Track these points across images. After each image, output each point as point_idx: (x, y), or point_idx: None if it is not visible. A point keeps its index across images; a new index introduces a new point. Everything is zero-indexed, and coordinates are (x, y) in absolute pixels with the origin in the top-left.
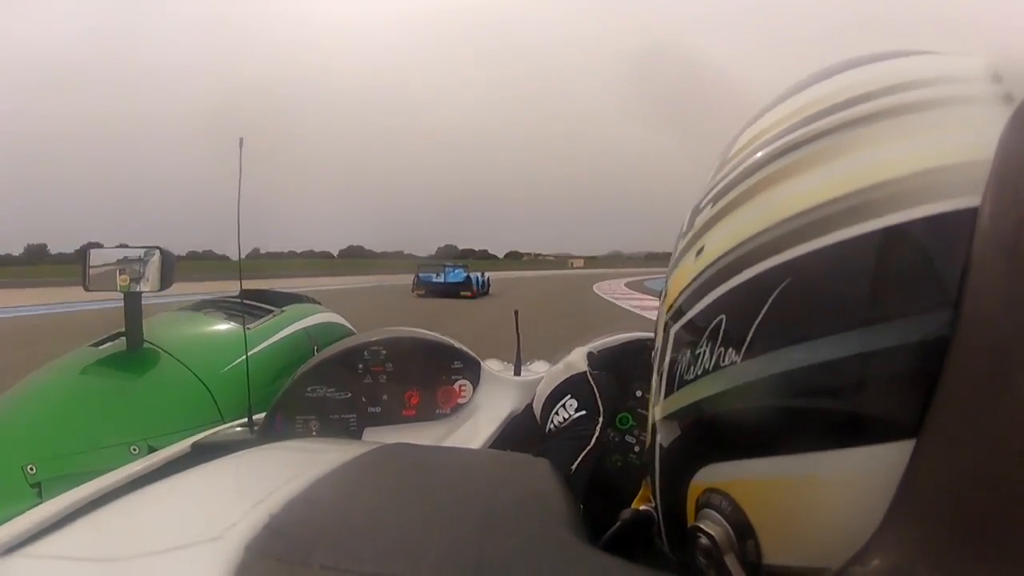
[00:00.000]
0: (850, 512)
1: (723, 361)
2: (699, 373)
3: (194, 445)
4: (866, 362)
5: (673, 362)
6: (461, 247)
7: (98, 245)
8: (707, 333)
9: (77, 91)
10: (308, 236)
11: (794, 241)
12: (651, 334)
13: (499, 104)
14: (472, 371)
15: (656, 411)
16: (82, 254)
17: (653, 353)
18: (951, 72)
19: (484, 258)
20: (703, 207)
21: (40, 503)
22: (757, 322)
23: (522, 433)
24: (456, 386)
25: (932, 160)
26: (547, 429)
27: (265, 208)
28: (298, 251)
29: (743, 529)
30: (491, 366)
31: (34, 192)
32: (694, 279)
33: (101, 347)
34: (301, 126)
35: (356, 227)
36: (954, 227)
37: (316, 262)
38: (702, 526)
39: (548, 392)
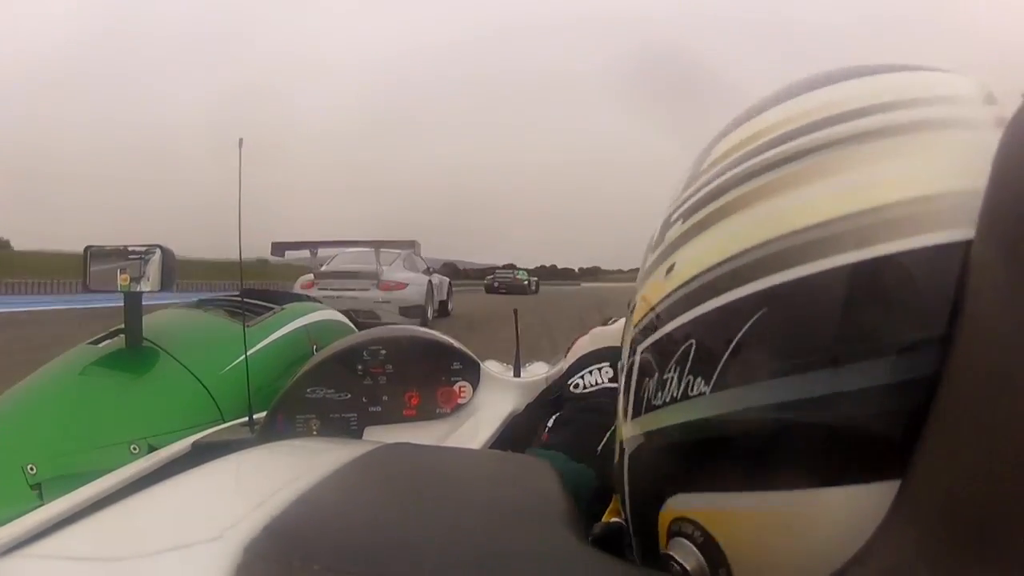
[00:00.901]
0: (824, 547)
1: (691, 391)
2: (667, 400)
3: (194, 444)
4: (844, 401)
5: (640, 383)
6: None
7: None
8: (675, 358)
9: (75, 88)
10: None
11: (772, 268)
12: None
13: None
14: (472, 372)
15: (624, 430)
16: (83, 253)
17: (619, 366)
18: (944, 92)
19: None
20: (673, 221)
21: (40, 504)
22: (727, 353)
23: (523, 434)
24: (456, 387)
25: (924, 187)
26: (570, 385)
27: (270, 212)
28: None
29: (715, 560)
30: (490, 367)
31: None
32: (663, 299)
33: (100, 345)
34: (300, 127)
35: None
36: (946, 260)
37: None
38: (674, 555)
39: (589, 350)
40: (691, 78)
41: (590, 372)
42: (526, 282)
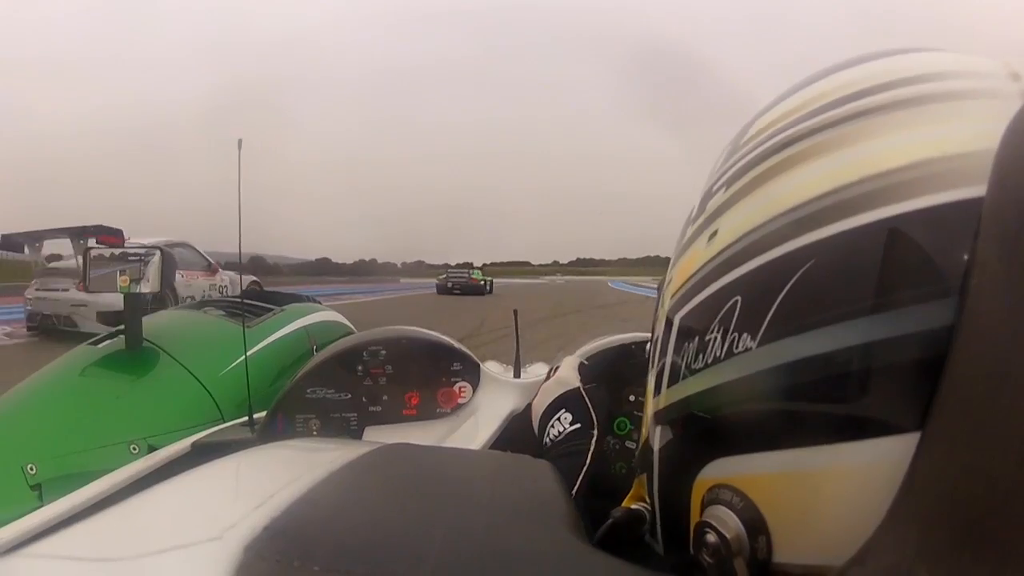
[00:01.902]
0: (861, 506)
1: (736, 347)
2: (709, 361)
3: (194, 444)
4: (878, 349)
5: (678, 351)
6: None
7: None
8: (720, 317)
9: (72, 86)
10: (304, 243)
11: (817, 223)
12: (640, 335)
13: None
14: (472, 373)
15: (655, 403)
16: (83, 256)
17: (649, 347)
18: (971, 67)
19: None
20: (715, 191)
21: (41, 504)
22: (775, 305)
23: (523, 434)
24: (456, 387)
25: (956, 146)
26: (544, 443)
27: (265, 215)
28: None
29: (755, 525)
30: (490, 368)
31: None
32: (706, 263)
33: (100, 346)
34: (299, 128)
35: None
36: (976, 212)
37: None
38: (711, 522)
39: (543, 408)
40: (689, 75)
41: (552, 425)
42: (482, 282)
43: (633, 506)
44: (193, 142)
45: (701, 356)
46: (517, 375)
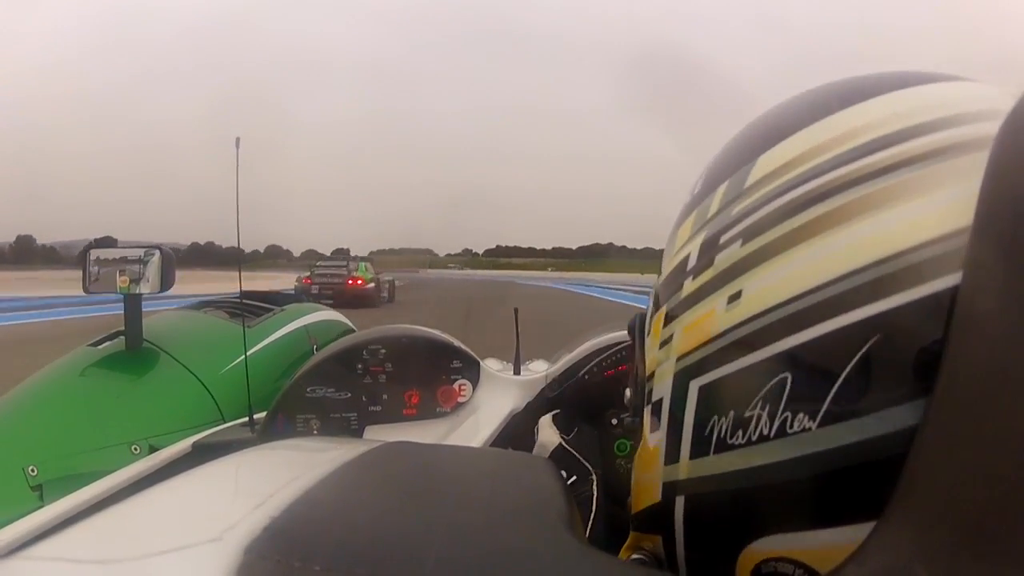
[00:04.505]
0: None
1: (791, 427)
2: (753, 439)
3: (195, 445)
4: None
5: (701, 421)
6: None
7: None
8: (762, 394)
9: (70, 83)
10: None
11: (885, 291)
12: (594, 342)
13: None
14: (471, 371)
15: (671, 471)
16: (82, 255)
17: (640, 394)
18: (998, 105)
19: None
20: (724, 243)
21: (42, 506)
22: (837, 385)
23: (523, 431)
24: (456, 386)
25: None
26: None
27: (266, 208)
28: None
29: None
30: (490, 365)
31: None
32: (730, 329)
33: (100, 347)
34: (298, 126)
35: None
36: None
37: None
38: None
39: None
40: (686, 74)
41: None
42: (370, 283)
43: (634, 556)
44: (193, 139)
45: (741, 432)
46: (517, 372)
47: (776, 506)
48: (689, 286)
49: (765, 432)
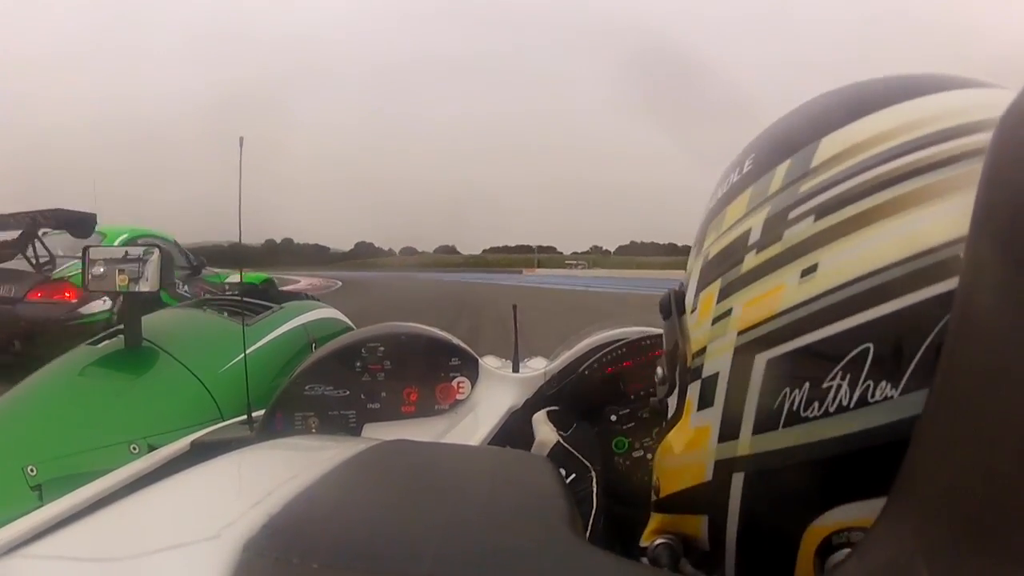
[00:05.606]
0: None
1: (873, 396)
2: (831, 410)
3: (193, 443)
4: None
5: (769, 396)
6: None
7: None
8: (842, 364)
9: (69, 81)
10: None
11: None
12: (590, 341)
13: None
14: (470, 368)
15: (724, 449)
16: (81, 255)
17: (675, 371)
18: None
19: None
20: (793, 219)
21: (41, 505)
22: (922, 351)
23: (521, 429)
24: (454, 383)
25: None
26: None
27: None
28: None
29: None
30: (489, 363)
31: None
32: (806, 302)
33: (99, 346)
34: (298, 124)
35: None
36: None
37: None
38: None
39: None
40: (686, 74)
41: None
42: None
43: (658, 541)
44: (194, 135)
45: (817, 404)
46: (516, 369)
47: (851, 476)
48: (752, 260)
49: (844, 403)
